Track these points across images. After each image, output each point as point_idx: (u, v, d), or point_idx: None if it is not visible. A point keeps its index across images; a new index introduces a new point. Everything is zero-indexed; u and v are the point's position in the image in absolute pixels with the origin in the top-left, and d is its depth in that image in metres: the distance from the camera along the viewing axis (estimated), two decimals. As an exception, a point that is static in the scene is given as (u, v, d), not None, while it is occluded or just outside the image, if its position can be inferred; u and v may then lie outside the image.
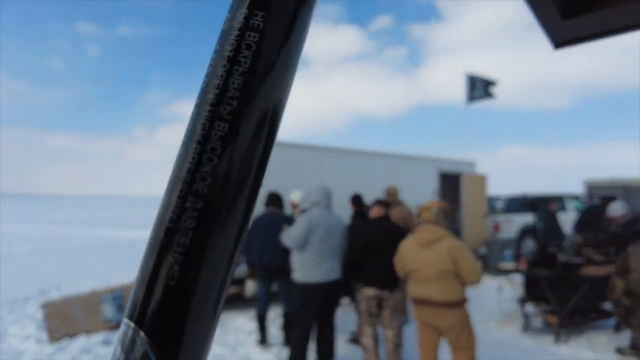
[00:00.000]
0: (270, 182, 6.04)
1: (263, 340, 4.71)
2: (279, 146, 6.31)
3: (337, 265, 3.90)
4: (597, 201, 8.16)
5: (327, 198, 3.91)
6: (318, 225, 3.72)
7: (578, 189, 14.73)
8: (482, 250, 8.92)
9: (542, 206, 10.25)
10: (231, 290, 6.07)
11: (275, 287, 4.87)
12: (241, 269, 5.97)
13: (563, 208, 10.79)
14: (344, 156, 7.03)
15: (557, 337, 4.78)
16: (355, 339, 4.59)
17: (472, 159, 9.63)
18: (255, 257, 4.58)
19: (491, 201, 14.97)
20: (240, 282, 6.09)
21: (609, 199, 5.60)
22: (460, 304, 3.14)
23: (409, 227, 5.41)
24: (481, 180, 9.22)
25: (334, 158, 6.85)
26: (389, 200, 5.42)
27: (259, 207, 4.90)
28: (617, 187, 13.20)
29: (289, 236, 3.82)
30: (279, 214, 4.67)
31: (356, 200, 5.08)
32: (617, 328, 5.00)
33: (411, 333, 3.57)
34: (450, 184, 9.26)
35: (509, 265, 5.78)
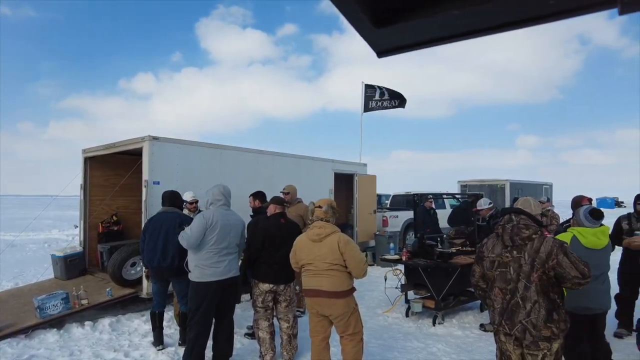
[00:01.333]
0: (171, 181, 5.80)
1: (158, 342, 4.52)
2: (180, 144, 6.08)
3: (235, 263, 3.92)
4: (467, 198, 9.34)
5: (225, 196, 3.89)
6: (215, 223, 3.70)
7: (455, 188, 16.68)
8: (372, 242, 9.62)
9: (421, 203, 11.35)
10: (127, 290, 5.69)
11: (171, 287, 4.70)
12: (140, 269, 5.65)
13: (443, 205, 12.09)
14: (246, 156, 7.03)
15: (434, 320, 5.40)
16: (252, 333, 4.65)
17: (364, 161, 10.30)
18: (149, 256, 4.39)
19: (381, 199, 16.17)
20: (136, 282, 5.74)
21: (477, 196, 6.43)
22: (347, 293, 3.38)
23: (307, 224, 5.64)
24: (372, 180, 9.93)
25: (236, 157, 6.81)
26: (288, 199, 5.58)
27: (158, 206, 4.70)
28: (485, 186, 15.29)
29: (184, 236, 3.74)
30: (174, 213, 4.51)
31: (258, 196, 5.07)
32: (481, 308, 5.82)
33: (307, 324, 3.75)
34: (345, 183, 9.80)
35: (392, 256, 6.34)
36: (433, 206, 9.01)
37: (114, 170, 7.18)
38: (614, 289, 4.34)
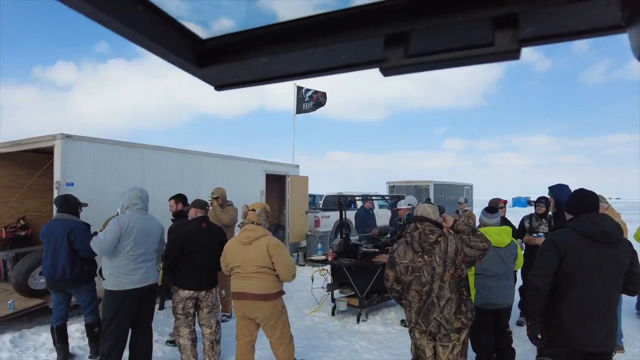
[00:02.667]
0: (87, 182, 5.41)
1: (63, 357, 4.19)
2: (97, 143, 5.69)
3: (153, 270, 3.76)
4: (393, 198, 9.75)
5: (142, 200, 3.71)
6: (131, 229, 3.52)
7: (384, 188, 17.34)
8: (304, 243, 9.72)
9: (355, 203, 11.66)
10: (34, 301, 5.23)
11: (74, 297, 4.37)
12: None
13: (373, 206, 12.52)
14: (170, 156, 6.74)
15: (358, 317, 5.58)
16: (173, 341, 4.50)
17: (299, 162, 10.37)
18: (43, 266, 4.09)
19: (315, 199, 16.37)
20: (45, 291, 5.28)
21: (399, 197, 6.75)
22: (275, 296, 3.42)
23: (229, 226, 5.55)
24: (304, 181, 10.02)
25: (159, 157, 6.51)
26: (218, 202, 5.46)
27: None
28: (411, 186, 16.06)
29: (96, 242, 3.52)
30: (64, 220, 4.16)
31: (179, 199, 4.89)
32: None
33: (234, 327, 3.72)
34: (277, 184, 9.80)
35: (319, 256, 6.46)
36: (372, 207, 9.31)
37: (23, 170, 6.56)
38: (520, 282, 4.82)
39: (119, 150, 5.95)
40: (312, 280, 5.68)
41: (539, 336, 2.72)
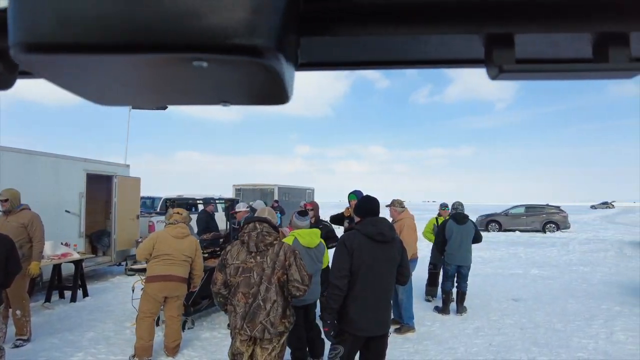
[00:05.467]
0: None
1: None
2: None
3: None
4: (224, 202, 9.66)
5: None
6: None
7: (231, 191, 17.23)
8: (134, 250, 8.95)
9: (197, 206, 11.28)
10: None
11: None
12: None
13: (215, 209, 12.27)
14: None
15: (184, 325, 5.38)
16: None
17: (135, 161, 9.51)
18: None
19: (154, 202, 15.28)
20: None
21: (234, 200, 6.77)
22: (187, 281, 4.58)
23: (30, 234, 4.81)
24: (135, 182, 9.26)
25: None
26: (6, 207, 4.64)
27: None
28: (257, 190, 16.32)
29: None
30: None
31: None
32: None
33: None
34: (103, 185, 8.83)
35: (141, 264, 6.04)
36: (215, 210, 9.05)
37: None
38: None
39: None
40: (133, 290, 5.27)
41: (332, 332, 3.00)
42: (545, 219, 20.56)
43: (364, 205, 3.13)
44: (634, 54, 0.41)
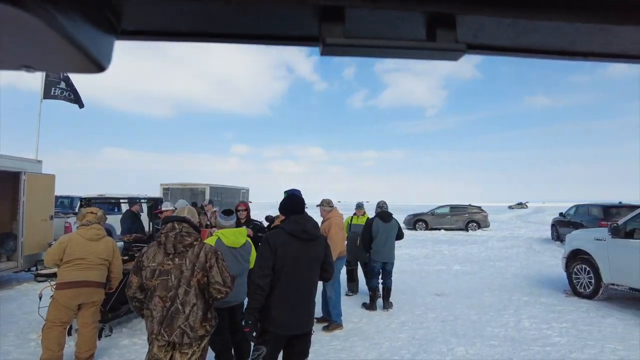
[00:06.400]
0: None
1: None
2: None
3: None
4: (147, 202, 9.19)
5: None
6: None
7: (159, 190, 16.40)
8: (44, 254, 8.19)
9: (120, 206, 10.59)
10: None
11: None
12: None
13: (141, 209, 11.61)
14: None
15: (100, 333, 5.00)
16: None
17: (37, 157, 8.69)
18: None
19: (73, 202, 14.15)
20: None
21: (158, 200, 6.44)
22: (104, 285, 4.29)
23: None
24: (48, 180, 8.48)
25: None
26: None
27: None
28: (186, 189, 15.71)
29: None
30: None
31: None
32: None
33: None
34: (8, 183, 7.99)
35: (52, 269, 5.55)
36: (141, 210, 8.50)
37: None
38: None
39: None
40: (40, 298, 4.80)
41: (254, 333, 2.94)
42: (467, 218, 21.96)
43: (288, 203, 3.11)
44: (460, 37, 0.41)
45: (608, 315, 6.18)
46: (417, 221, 22.51)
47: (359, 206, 7.57)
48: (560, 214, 16.00)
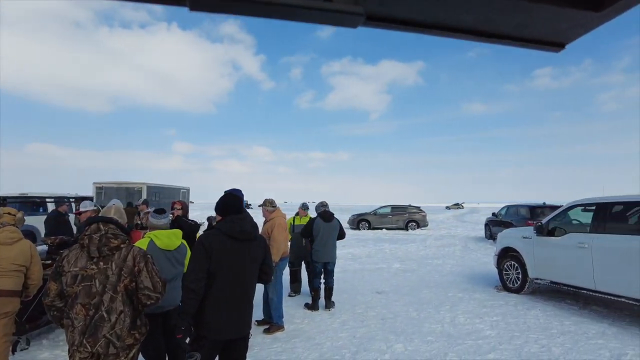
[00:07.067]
0: None
1: None
2: None
3: None
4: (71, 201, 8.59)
5: None
6: None
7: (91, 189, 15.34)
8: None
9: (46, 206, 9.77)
10: None
11: None
12: None
13: (70, 209, 10.78)
14: None
15: (15, 346, 4.54)
16: None
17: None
18: None
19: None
20: None
21: (82, 198, 5.97)
22: (21, 293, 3.84)
23: None
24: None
25: None
26: None
27: None
28: (122, 188, 14.84)
29: None
30: None
31: None
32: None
33: None
34: None
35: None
36: (70, 211, 7.83)
37: None
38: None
39: None
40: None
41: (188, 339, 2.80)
42: (407, 218, 22.73)
43: (224, 202, 2.98)
44: (361, 3, 0.38)
45: (532, 307, 6.62)
46: (360, 221, 22.94)
47: (304, 207, 7.55)
48: (493, 214, 17.01)
